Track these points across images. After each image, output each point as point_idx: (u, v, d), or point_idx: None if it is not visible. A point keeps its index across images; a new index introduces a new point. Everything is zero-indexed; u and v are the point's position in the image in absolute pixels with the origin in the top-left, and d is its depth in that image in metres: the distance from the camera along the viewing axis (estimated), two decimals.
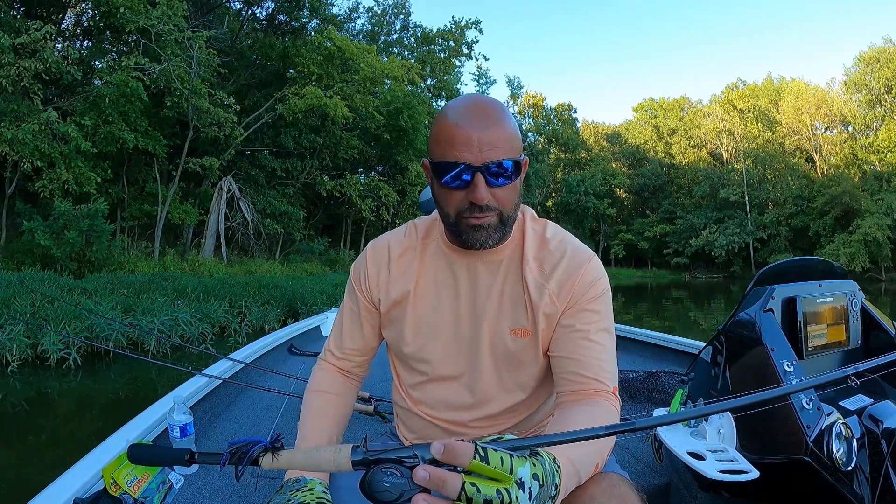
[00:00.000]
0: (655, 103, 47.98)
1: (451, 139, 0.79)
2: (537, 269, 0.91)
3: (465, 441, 0.50)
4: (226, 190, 16.89)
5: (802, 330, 1.42)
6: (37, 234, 10.91)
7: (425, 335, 0.95)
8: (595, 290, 0.89)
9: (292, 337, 3.65)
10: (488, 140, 0.78)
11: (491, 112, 0.81)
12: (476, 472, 0.49)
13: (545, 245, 0.93)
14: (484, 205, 0.80)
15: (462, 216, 0.83)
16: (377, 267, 0.97)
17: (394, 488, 0.52)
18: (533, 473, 0.52)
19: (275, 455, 0.62)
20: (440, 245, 0.95)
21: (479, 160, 0.78)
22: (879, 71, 32.28)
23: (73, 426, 4.82)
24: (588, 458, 0.70)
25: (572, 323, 0.88)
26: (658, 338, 3.19)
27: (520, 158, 0.83)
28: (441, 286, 0.94)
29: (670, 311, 16.61)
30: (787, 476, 1.20)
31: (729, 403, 0.69)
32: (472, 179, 0.79)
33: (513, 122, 0.83)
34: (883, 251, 28.39)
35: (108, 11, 13.41)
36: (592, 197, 38.97)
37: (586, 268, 0.90)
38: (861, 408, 1.31)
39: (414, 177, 21.65)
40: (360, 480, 0.53)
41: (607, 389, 0.84)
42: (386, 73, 19.30)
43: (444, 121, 0.82)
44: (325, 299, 10.85)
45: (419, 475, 0.49)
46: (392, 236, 1.00)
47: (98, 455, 1.35)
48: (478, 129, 0.78)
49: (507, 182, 0.81)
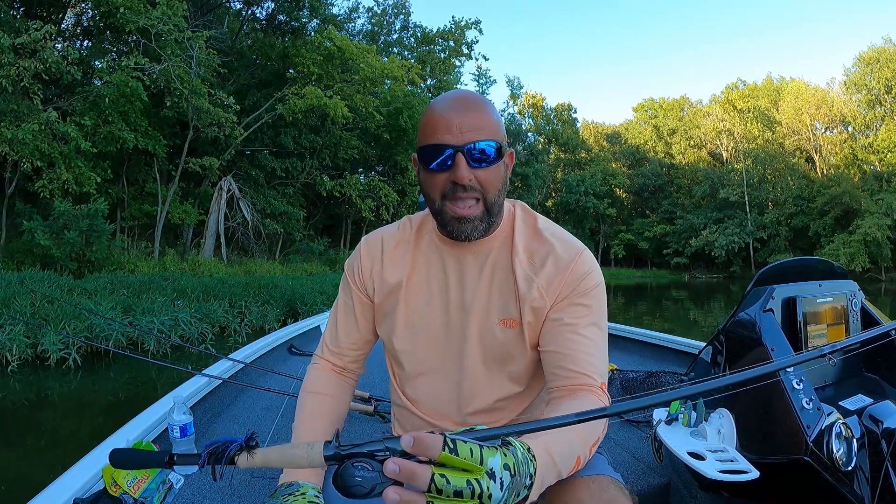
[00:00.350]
0: (655, 103, 47.97)
1: (434, 125, 0.83)
2: (527, 261, 0.91)
3: (435, 433, 0.50)
4: (226, 190, 16.89)
5: (802, 330, 1.42)
6: (37, 234, 10.91)
7: (416, 329, 0.96)
8: (586, 283, 0.89)
9: (292, 337, 3.65)
10: (468, 123, 0.82)
11: (471, 100, 0.85)
12: (446, 463, 0.49)
13: (536, 236, 0.93)
14: (467, 184, 0.82)
15: (446, 200, 0.84)
16: (371, 259, 0.99)
17: (365, 482, 0.52)
18: (504, 464, 0.52)
19: (250, 454, 0.62)
20: (433, 238, 0.96)
21: (460, 141, 0.81)
22: (879, 71, 32.28)
23: (73, 426, 4.81)
24: (569, 450, 0.69)
25: (561, 317, 0.88)
26: (658, 338, 3.19)
27: (502, 145, 0.84)
28: (432, 279, 0.95)
29: (670, 311, 16.61)
30: (787, 476, 1.20)
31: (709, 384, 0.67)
32: (454, 160, 0.81)
33: (495, 112, 0.86)
34: (883, 251, 28.39)
35: (108, 11, 13.41)
36: (592, 197, 38.96)
37: (577, 261, 0.90)
38: (861, 408, 1.31)
39: (414, 177, 21.61)
40: (332, 475, 0.53)
41: (595, 384, 0.83)
42: (386, 73, 19.30)
43: (428, 111, 0.86)
44: (325, 299, 10.85)
45: (389, 468, 0.49)
46: (385, 230, 1.02)
47: (98, 455, 1.35)
48: (458, 114, 0.82)
49: (488, 165, 0.83)
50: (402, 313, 0.95)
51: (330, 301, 10.53)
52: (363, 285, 0.99)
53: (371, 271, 0.98)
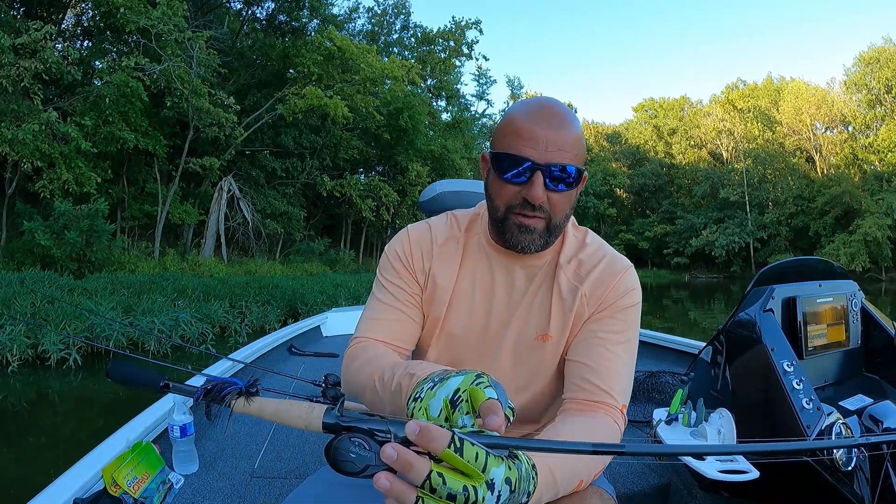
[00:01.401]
0: (655, 103, 47.96)
1: (518, 133, 0.78)
2: (573, 272, 0.89)
3: (444, 427, 0.47)
4: (226, 190, 16.90)
5: (802, 330, 1.42)
6: (37, 234, 10.91)
7: (454, 338, 0.92)
8: (626, 300, 0.87)
9: (292, 337, 3.66)
10: (555, 141, 0.77)
11: (561, 115, 0.80)
12: (447, 461, 0.46)
13: (583, 250, 0.91)
14: (537, 205, 0.79)
15: (511, 212, 0.82)
16: (420, 247, 0.92)
17: (358, 460, 0.49)
18: (506, 477, 0.49)
19: (248, 400, 0.60)
20: (482, 242, 0.92)
21: (543, 159, 0.77)
22: (879, 71, 32.28)
23: (73, 426, 4.82)
24: (572, 472, 0.65)
25: (595, 329, 0.85)
26: (658, 338, 3.19)
27: (583, 170, 0.81)
28: (478, 287, 0.91)
29: (670, 311, 16.61)
30: (787, 476, 1.20)
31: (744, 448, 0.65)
32: (532, 177, 0.78)
33: (580, 131, 0.82)
34: (883, 251, 28.39)
35: (108, 11, 13.42)
36: (592, 197, 38.97)
37: (622, 277, 0.88)
38: (861, 408, 1.31)
39: (414, 177, 21.65)
40: (325, 445, 0.50)
41: (615, 405, 0.79)
42: (386, 73, 19.30)
43: (513, 114, 0.81)
44: (325, 299, 10.85)
45: (387, 452, 0.46)
46: (433, 222, 0.96)
47: (98, 455, 1.35)
48: (546, 128, 0.77)
49: (565, 188, 0.80)
50: (443, 320, 0.91)
51: (330, 301, 10.55)
52: (413, 269, 0.92)
53: (422, 258, 0.92)
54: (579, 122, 0.83)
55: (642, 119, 48.57)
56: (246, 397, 0.60)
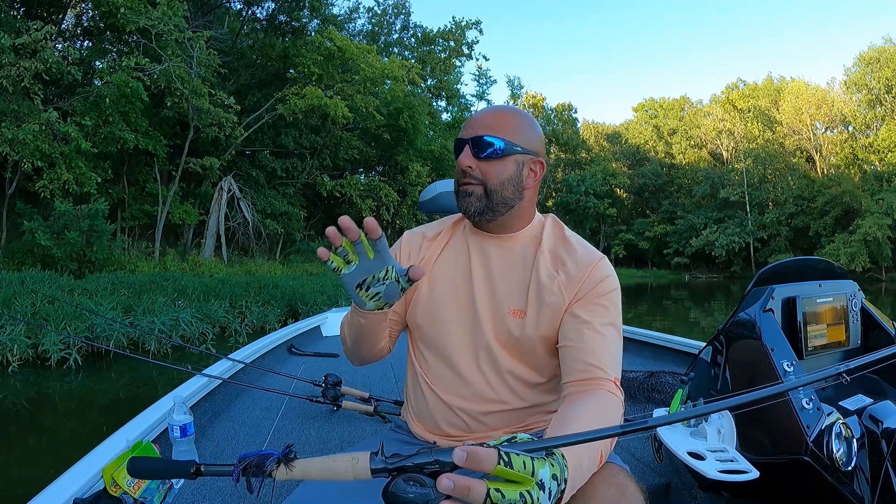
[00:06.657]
0: (655, 103, 47.94)
1: (463, 125, 0.98)
2: (550, 260, 0.99)
3: (486, 446, 0.50)
4: (226, 190, 16.90)
5: (802, 330, 1.42)
6: (37, 235, 10.92)
7: (438, 306, 1.02)
8: (603, 286, 0.96)
9: (292, 337, 3.66)
10: (482, 121, 0.95)
11: (502, 108, 1.00)
12: (500, 476, 0.49)
13: (562, 242, 1.02)
14: (467, 169, 0.94)
15: (459, 183, 0.97)
16: (409, 247, 1.08)
17: (418, 497, 0.52)
18: (552, 474, 0.53)
19: (288, 467, 0.61)
20: (465, 229, 1.06)
21: (469, 135, 0.95)
22: (879, 71, 32.24)
23: (73, 426, 4.82)
24: (593, 451, 0.72)
25: (579, 314, 0.93)
26: (658, 338, 3.19)
27: (514, 145, 0.94)
28: (458, 264, 1.03)
29: (670, 311, 16.61)
30: (787, 476, 1.20)
31: (732, 401, 0.69)
32: (462, 149, 0.95)
33: (523, 122, 0.97)
34: (883, 251, 28.37)
35: (109, 11, 13.40)
36: (593, 197, 38.93)
37: (597, 265, 0.97)
38: (861, 408, 1.31)
39: (414, 177, 21.65)
40: (382, 489, 0.53)
41: (608, 378, 0.87)
42: (386, 73, 19.28)
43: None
44: (325, 299, 10.86)
45: (444, 484, 0.48)
46: (427, 226, 1.13)
47: (98, 455, 1.35)
48: (480, 115, 0.97)
49: (490, 157, 0.94)
50: (425, 287, 1.03)
51: (330, 301, 10.58)
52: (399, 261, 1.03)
53: (409, 256, 1.06)
54: (527, 117, 0.99)
55: (642, 119, 48.55)
56: (286, 464, 0.61)
